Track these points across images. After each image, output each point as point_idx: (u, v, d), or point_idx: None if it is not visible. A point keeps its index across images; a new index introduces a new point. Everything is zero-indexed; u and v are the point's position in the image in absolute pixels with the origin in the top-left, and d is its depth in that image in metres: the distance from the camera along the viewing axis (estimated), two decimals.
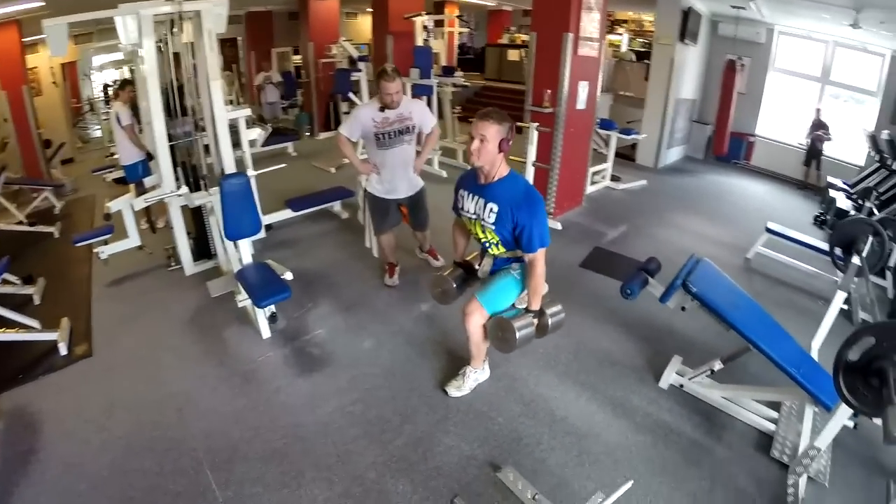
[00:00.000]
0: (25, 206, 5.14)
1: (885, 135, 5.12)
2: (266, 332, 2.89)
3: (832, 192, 4.73)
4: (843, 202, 4.50)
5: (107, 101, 8.99)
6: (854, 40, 6.25)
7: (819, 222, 4.70)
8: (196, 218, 3.58)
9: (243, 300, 2.99)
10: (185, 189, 3.07)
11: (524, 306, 2.19)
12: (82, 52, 9.41)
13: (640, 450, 2.22)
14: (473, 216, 2.16)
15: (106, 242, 3.50)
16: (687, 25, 6.54)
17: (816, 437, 1.88)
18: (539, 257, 2.07)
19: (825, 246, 3.85)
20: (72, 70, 9.67)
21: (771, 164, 7.71)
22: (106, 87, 9.57)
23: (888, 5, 4.41)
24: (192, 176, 3.36)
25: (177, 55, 3.26)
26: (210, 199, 3.01)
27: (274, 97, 8.84)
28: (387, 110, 2.99)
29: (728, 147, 7.88)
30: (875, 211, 4.08)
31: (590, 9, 4.38)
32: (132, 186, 3.37)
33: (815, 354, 2.80)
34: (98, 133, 9.68)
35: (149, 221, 3.98)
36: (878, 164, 5.16)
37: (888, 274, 3.48)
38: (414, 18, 6.31)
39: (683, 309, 2.52)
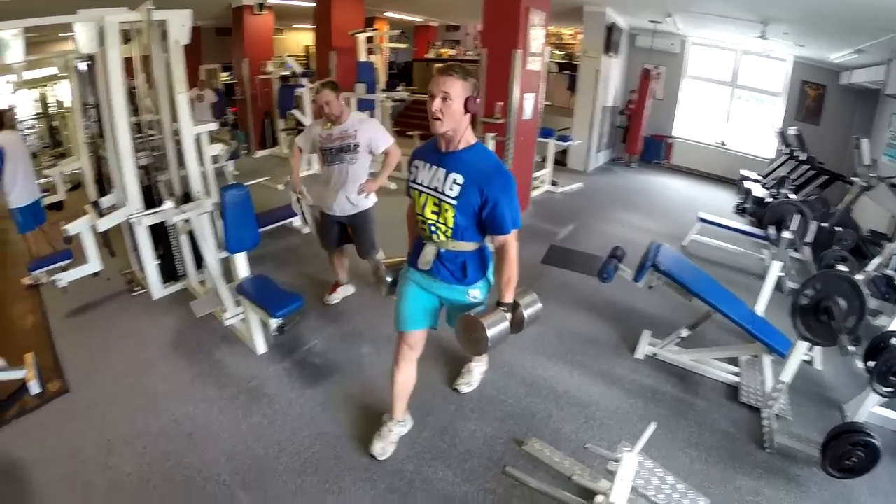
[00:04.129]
0: None
1: (792, 130, 5.91)
2: (262, 347, 2.86)
3: (746, 184, 5.37)
4: (758, 191, 5.11)
5: None
6: (759, 48, 7.13)
7: (740, 210, 5.34)
8: (161, 238, 3.44)
9: (231, 317, 2.92)
10: (169, 204, 2.96)
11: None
12: None
13: (634, 410, 2.52)
14: (429, 190, 1.77)
15: (64, 269, 3.26)
16: (611, 39, 7.18)
17: (777, 378, 2.25)
18: (512, 240, 1.77)
19: (752, 229, 4.46)
20: None
21: (688, 161, 8.54)
22: None
23: (790, 19, 5.17)
24: (156, 194, 3.26)
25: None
26: (189, 215, 2.93)
27: (206, 116, 8.50)
28: (333, 126, 2.91)
29: (649, 148, 8.70)
30: (791, 196, 4.70)
31: (535, 27, 4.75)
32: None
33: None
34: None
35: (106, 245, 3.74)
36: (787, 156, 5.91)
37: (805, 249, 4.08)
38: (358, 35, 6.41)
39: (651, 287, 2.87)
